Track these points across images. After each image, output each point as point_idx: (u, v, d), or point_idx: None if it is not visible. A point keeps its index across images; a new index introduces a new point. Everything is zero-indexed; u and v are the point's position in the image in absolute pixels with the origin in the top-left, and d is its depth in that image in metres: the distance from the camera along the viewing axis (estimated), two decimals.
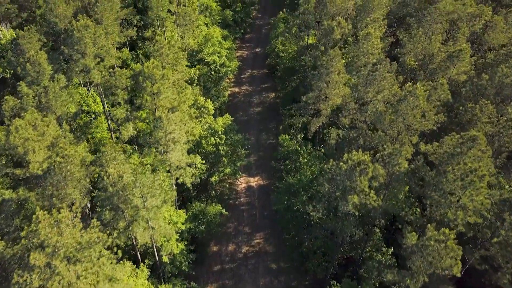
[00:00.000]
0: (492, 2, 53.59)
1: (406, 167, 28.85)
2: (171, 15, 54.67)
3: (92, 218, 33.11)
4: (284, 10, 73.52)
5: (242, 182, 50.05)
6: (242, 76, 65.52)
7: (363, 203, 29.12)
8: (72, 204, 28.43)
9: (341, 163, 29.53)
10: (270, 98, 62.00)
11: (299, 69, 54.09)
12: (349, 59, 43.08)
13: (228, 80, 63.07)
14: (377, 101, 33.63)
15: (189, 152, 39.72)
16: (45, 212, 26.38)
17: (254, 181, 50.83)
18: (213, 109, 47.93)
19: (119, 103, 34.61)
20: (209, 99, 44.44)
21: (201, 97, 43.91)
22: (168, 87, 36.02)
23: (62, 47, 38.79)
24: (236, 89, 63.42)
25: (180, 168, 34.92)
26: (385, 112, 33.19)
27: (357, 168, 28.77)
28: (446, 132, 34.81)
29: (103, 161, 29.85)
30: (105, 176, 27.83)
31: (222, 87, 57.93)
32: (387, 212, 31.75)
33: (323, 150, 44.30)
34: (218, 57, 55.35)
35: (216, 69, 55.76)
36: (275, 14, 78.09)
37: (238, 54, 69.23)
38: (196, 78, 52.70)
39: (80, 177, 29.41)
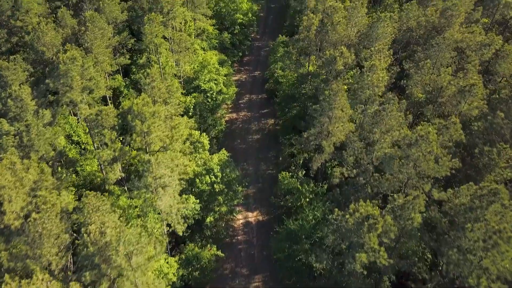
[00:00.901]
0: (500, 28, 51.26)
1: (420, 221, 25.85)
2: (166, 40, 52.22)
3: (74, 272, 29.89)
4: (284, 31, 71.81)
5: (239, 218, 46.87)
6: (240, 101, 62.80)
7: (372, 261, 26.09)
8: (49, 264, 25.41)
9: (347, 216, 26.54)
10: (269, 124, 59.17)
11: (299, 97, 51.41)
12: (353, 91, 40.40)
13: (226, 106, 60.38)
14: (385, 143, 30.79)
15: (182, 192, 36.81)
16: (16, 279, 23.30)
17: (253, 216, 47.67)
18: (209, 142, 45.19)
19: (106, 144, 31.87)
20: (204, 133, 41.57)
21: (196, 131, 41.05)
22: (159, 125, 33.25)
23: (47, 80, 36.12)
24: (234, 115, 60.64)
25: (171, 214, 31.91)
26: (394, 155, 30.32)
27: (365, 222, 25.79)
28: (460, 175, 31.88)
29: (85, 213, 26.86)
30: (85, 234, 24.82)
31: (219, 114, 55.22)
32: (397, 268, 28.65)
33: (326, 186, 41.36)
34: (215, 84, 52.73)
35: (213, 96, 53.10)
36: (274, 35, 75.89)
37: (236, 78, 66.69)
38: (192, 107, 50.01)
39: (58, 232, 26.40)
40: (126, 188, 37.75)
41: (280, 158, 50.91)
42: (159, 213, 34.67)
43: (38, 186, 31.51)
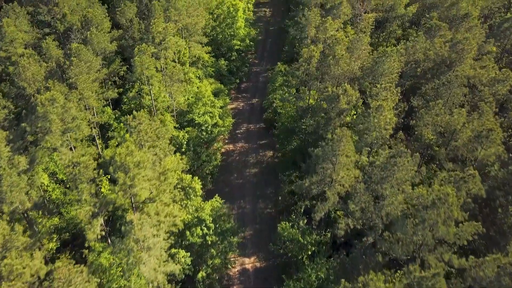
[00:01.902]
0: (511, 57, 48.24)
1: None
2: (159, 72, 49.09)
3: None
4: (283, 56, 68.89)
5: (235, 265, 43.01)
6: (237, 131, 59.40)
7: None
8: None
9: None
10: (268, 157, 55.64)
11: (299, 131, 48.05)
12: (358, 131, 37.02)
13: (222, 137, 56.96)
14: (396, 201, 27.26)
15: (170, 246, 33.09)
16: None
17: (250, 263, 43.74)
18: (202, 182, 41.65)
19: (85, 200, 28.44)
20: (197, 177, 37.99)
21: (187, 176, 37.49)
22: (144, 176, 29.75)
23: (22, 124, 32.78)
24: (231, 146, 57.17)
25: (156, 280, 28.14)
26: (407, 213, 26.76)
27: None
28: (480, 233, 28.19)
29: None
30: None
31: (215, 147, 51.71)
32: None
33: (329, 234, 37.68)
34: (210, 117, 49.42)
35: (208, 129, 49.74)
36: (273, 59, 73.01)
37: (233, 105, 63.46)
38: (185, 142, 46.59)
39: None
40: (109, 240, 34.03)
41: (280, 197, 47.26)
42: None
43: (8, 247, 27.91)
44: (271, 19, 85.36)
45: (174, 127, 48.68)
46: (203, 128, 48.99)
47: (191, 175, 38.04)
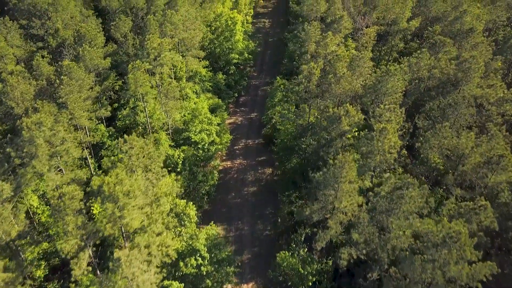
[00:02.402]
0: None
1: None
2: (153, 88, 47.45)
3: None
4: (282, 68, 67.23)
5: None
6: (235, 147, 57.55)
7: None
8: None
9: None
10: (267, 174, 53.73)
11: (299, 149, 46.25)
12: (361, 154, 35.21)
13: (220, 153, 55.15)
14: (404, 236, 25.38)
15: (163, 278, 31.11)
16: None
17: None
18: (198, 206, 39.84)
19: (71, 233, 26.51)
20: (191, 203, 36.09)
21: (181, 201, 35.58)
22: (134, 206, 27.89)
23: (8, 149, 30.97)
24: (229, 163, 55.27)
25: None
26: (414, 248, 24.85)
27: None
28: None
29: None
30: None
31: (212, 165, 49.80)
32: None
33: (331, 262, 35.69)
34: (207, 135, 47.65)
35: (205, 147, 47.94)
36: (273, 72, 71.42)
37: (231, 120, 61.71)
38: (181, 162, 44.77)
39: None
40: (98, 271, 32.05)
41: (279, 219, 45.28)
42: None
43: None
44: (271, 30, 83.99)
45: (170, 145, 46.93)
46: (199, 146, 47.21)
47: (185, 201, 36.10)
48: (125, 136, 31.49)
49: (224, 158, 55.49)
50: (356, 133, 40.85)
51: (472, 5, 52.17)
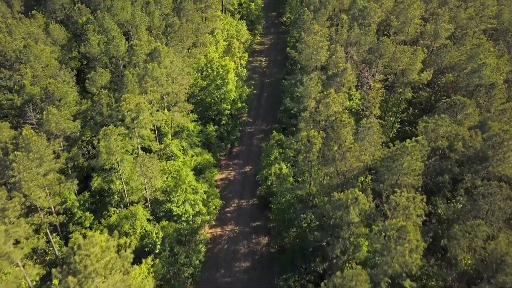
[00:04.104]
0: None
1: None
2: (132, 153, 41.16)
3: None
4: (280, 116, 61.00)
5: None
6: (227, 209, 50.62)
7: None
8: None
9: None
10: (262, 245, 46.56)
11: (299, 224, 39.55)
12: (374, 252, 28.51)
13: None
14: None
15: None
16: None
17: None
18: None
19: None
20: None
21: None
22: None
23: None
24: (218, 230, 48.24)
25: None
26: None
27: None
28: None
29: None
30: None
31: (198, 237, 42.80)
32: None
33: None
34: (192, 205, 41.02)
35: (190, 220, 41.23)
36: (269, 118, 65.19)
37: (223, 175, 55.13)
38: (160, 241, 37.94)
39: None
40: None
41: None
42: None
43: None
44: (267, 69, 78.43)
45: (148, 219, 40.24)
46: (183, 219, 40.49)
47: None
48: (81, 240, 24.80)
49: (214, 223, 48.57)
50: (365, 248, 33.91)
51: (488, 54, 46.42)
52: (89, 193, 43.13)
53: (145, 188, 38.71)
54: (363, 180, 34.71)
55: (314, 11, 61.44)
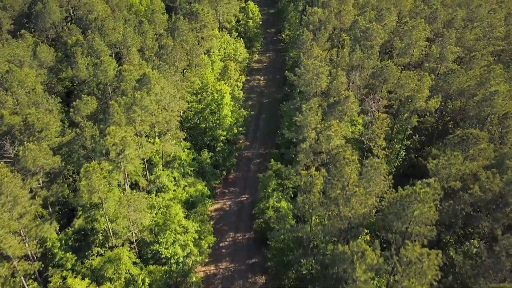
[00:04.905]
0: None
1: None
2: (119, 188, 37.92)
3: None
4: (278, 140, 57.74)
5: None
6: (221, 244, 47.00)
7: None
8: None
9: None
10: (259, 285, 42.90)
11: (297, 270, 36.10)
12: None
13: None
14: None
15: None
16: None
17: None
18: None
19: None
20: None
21: None
22: None
23: None
24: (212, 268, 44.58)
25: None
26: None
27: None
28: None
29: None
30: None
31: (189, 281, 39.35)
32: None
33: None
34: (182, 246, 37.64)
35: (180, 261, 37.79)
36: (267, 141, 61.91)
37: (218, 205, 51.72)
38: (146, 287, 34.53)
39: None
40: None
41: None
42: None
43: None
44: (266, 89, 75.57)
45: (134, 262, 36.82)
46: (172, 261, 37.07)
47: None
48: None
49: (207, 260, 45.03)
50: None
51: (500, 80, 43.49)
52: (72, 229, 39.77)
53: (131, 230, 35.35)
54: (369, 231, 31.45)
55: (314, 30, 58.79)
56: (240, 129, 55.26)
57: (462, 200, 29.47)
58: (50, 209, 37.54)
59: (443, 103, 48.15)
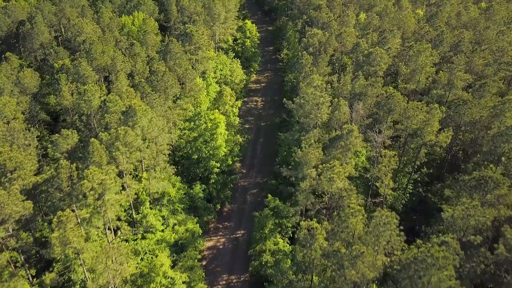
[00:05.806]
0: None
1: None
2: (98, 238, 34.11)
3: None
4: (275, 169, 53.79)
5: None
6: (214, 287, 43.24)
7: None
8: None
9: None
10: None
11: None
12: None
13: None
14: None
15: None
16: None
17: None
18: None
19: None
20: None
21: None
22: None
23: None
24: None
25: None
26: None
27: None
28: None
29: None
30: None
31: None
32: None
33: None
34: None
35: None
36: (265, 169, 57.84)
37: (211, 243, 47.60)
38: None
39: None
40: None
41: None
42: None
43: None
44: (263, 111, 72.05)
45: None
46: None
47: None
48: None
49: None
50: None
51: None
52: (49, 278, 35.72)
53: (111, 285, 31.39)
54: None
55: (314, 53, 55.59)
56: (236, 158, 51.53)
57: (484, 259, 25.64)
58: (22, 258, 33.61)
59: (453, 134, 44.58)
